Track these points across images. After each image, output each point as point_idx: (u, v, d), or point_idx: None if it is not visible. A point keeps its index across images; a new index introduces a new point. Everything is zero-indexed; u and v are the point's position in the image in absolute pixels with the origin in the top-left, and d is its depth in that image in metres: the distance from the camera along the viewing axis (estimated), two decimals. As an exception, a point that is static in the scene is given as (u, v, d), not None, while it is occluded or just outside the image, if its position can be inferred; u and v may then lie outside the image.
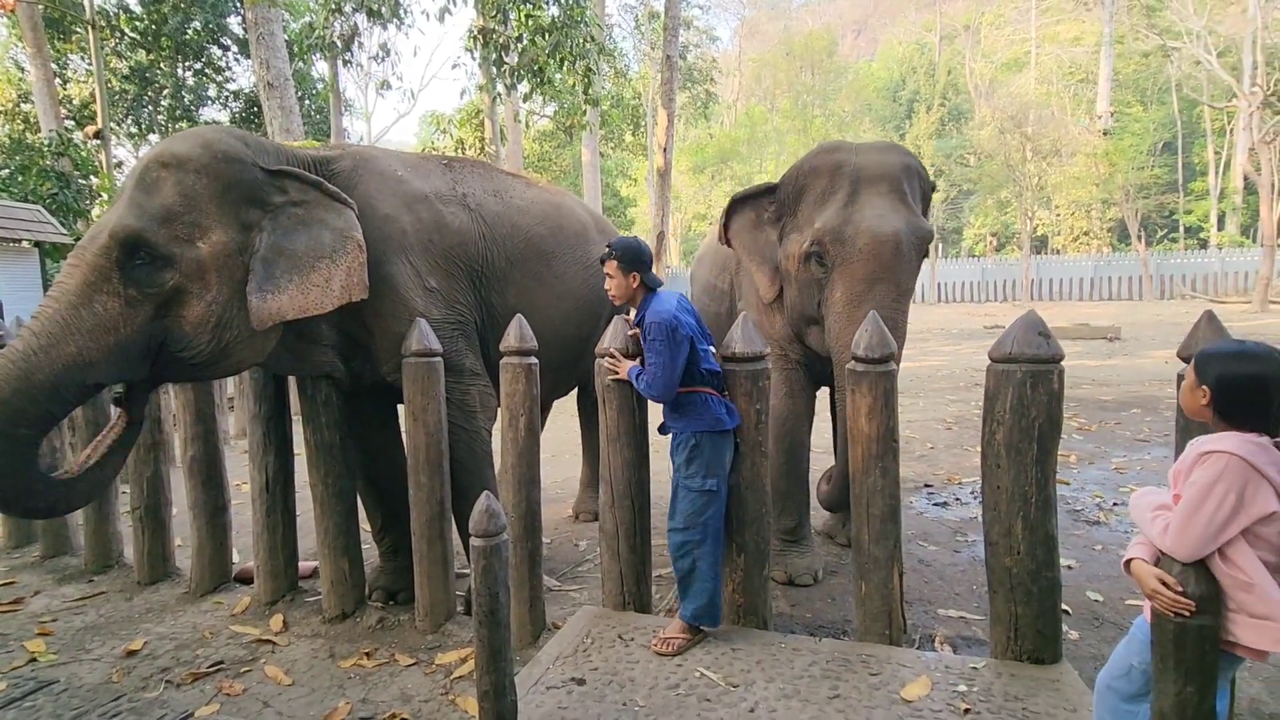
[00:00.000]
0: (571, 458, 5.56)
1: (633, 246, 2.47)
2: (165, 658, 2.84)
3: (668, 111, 9.79)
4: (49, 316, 2.15)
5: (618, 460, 2.64)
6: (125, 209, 2.30)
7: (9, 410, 2.05)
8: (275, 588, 3.27)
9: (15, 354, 2.08)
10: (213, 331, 2.38)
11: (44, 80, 14.33)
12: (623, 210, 30.04)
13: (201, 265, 2.35)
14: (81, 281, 2.20)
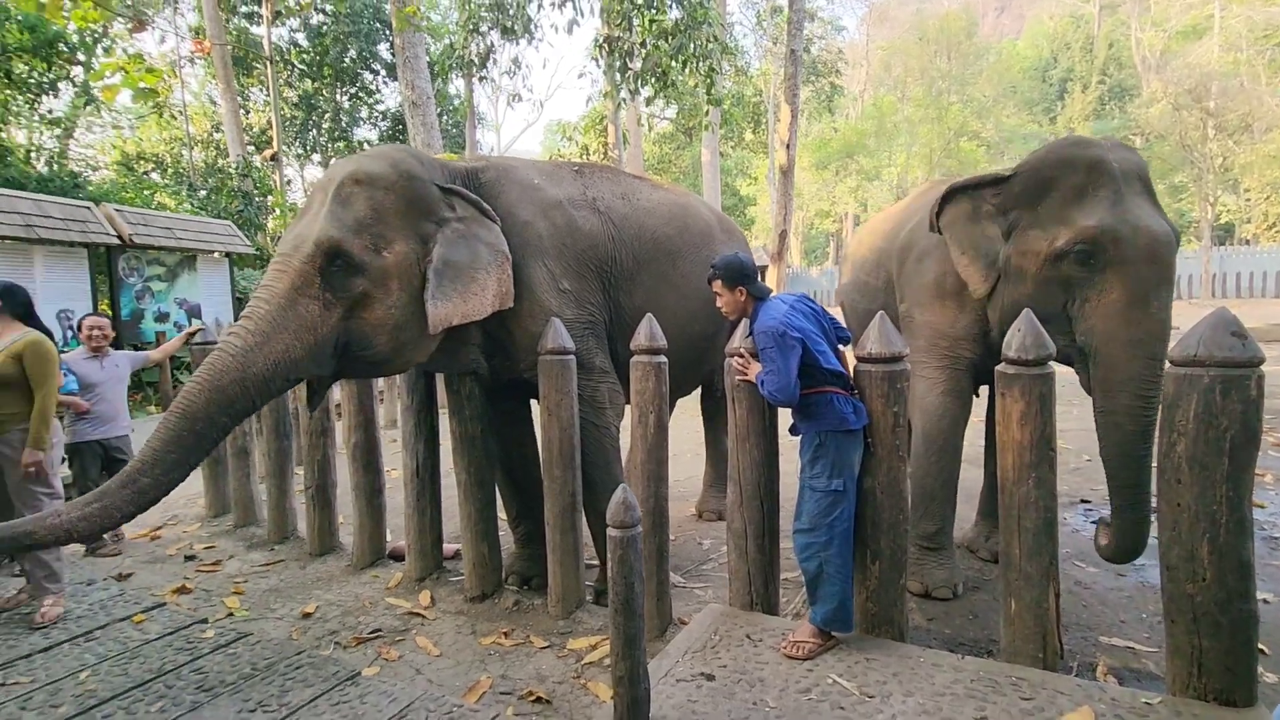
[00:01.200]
0: (693, 457, 5.59)
1: (734, 263, 2.50)
2: (333, 621, 3.17)
3: (791, 107, 9.57)
4: (261, 315, 2.38)
5: (747, 460, 2.63)
6: (326, 220, 2.51)
7: (223, 398, 2.30)
8: (424, 566, 3.56)
9: (234, 348, 2.32)
10: (390, 333, 2.58)
11: (232, 112, 16.42)
12: (742, 209, 29.72)
13: (386, 273, 2.55)
14: (289, 286, 2.42)
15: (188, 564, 3.98)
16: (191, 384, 2.28)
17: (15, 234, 7.05)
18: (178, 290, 9.13)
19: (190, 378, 2.32)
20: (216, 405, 2.29)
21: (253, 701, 2.36)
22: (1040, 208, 2.84)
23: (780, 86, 13.08)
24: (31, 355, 3.08)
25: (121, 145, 21.13)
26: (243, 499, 4.62)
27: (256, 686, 2.46)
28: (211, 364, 2.31)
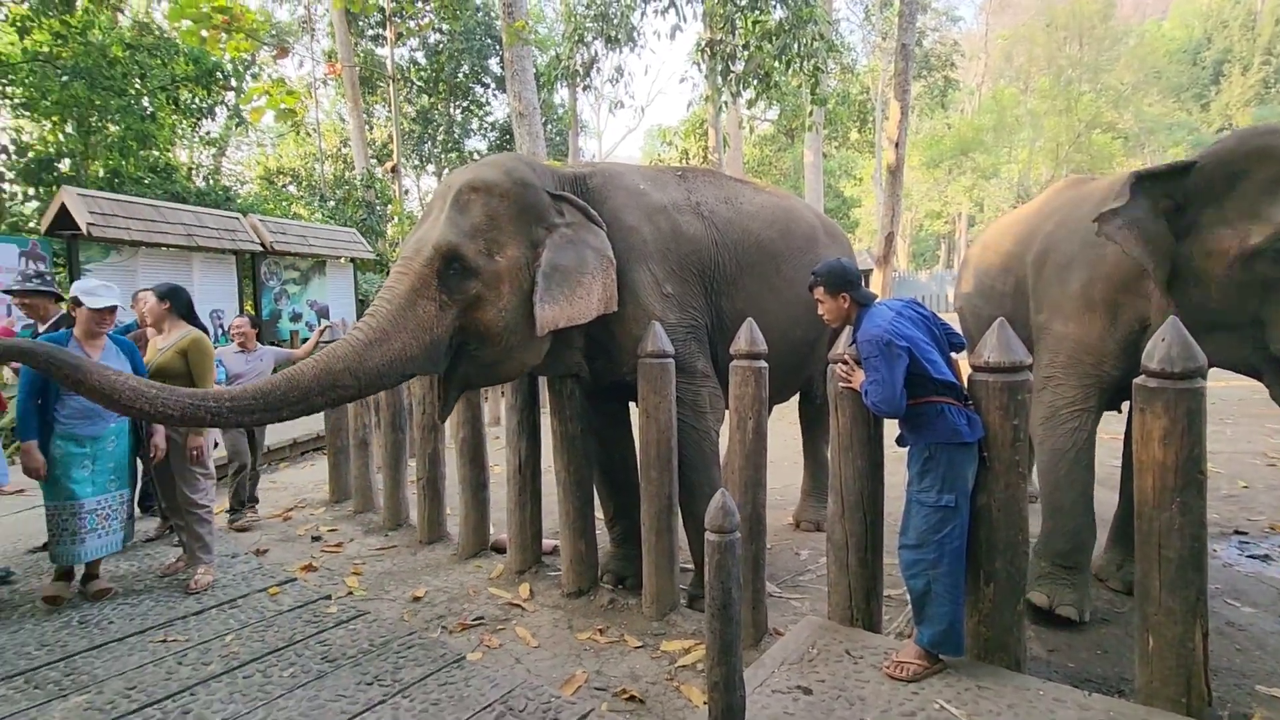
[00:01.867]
0: (791, 465, 5.47)
1: (836, 269, 2.43)
2: (440, 606, 3.34)
3: (901, 104, 9.16)
4: (383, 315, 2.49)
5: (849, 470, 2.54)
6: (445, 226, 2.62)
7: (330, 380, 2.40)
8: (524, 559, 3.68)
9: (356, 341, 2.45)
10: (501, 334, 2.66)
11: (358, 128, 17.76)
12: (845, 211, 28.77)
13: (498, 276, 2.64)
14: (409, 288, 2.53)
15: (314, 544, 4.33)
16: (309, 361, 2.44)
17: (179, 242, 7.94)
18: (309, 292, 9.97)
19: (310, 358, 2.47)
20: (320, 384, 2.38)
21: (370, 675, 2.53)
22: (1228, 203, 2.55)
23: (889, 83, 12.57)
24: (194, 351, 3.47)
25: (264, 161, 23.35)
26: (362, 487, 4.97)
27: (373, 661, 2.64)
28: (333, 349, 2.44)
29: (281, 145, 24.29)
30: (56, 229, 7.30)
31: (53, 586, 3.22)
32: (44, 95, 9.49)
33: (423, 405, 4.35)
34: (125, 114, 10.24)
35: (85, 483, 3.15)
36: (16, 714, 2.33)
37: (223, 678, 2.53)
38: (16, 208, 10.39)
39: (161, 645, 2.80)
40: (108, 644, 2.79)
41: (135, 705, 2.36)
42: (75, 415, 3.14)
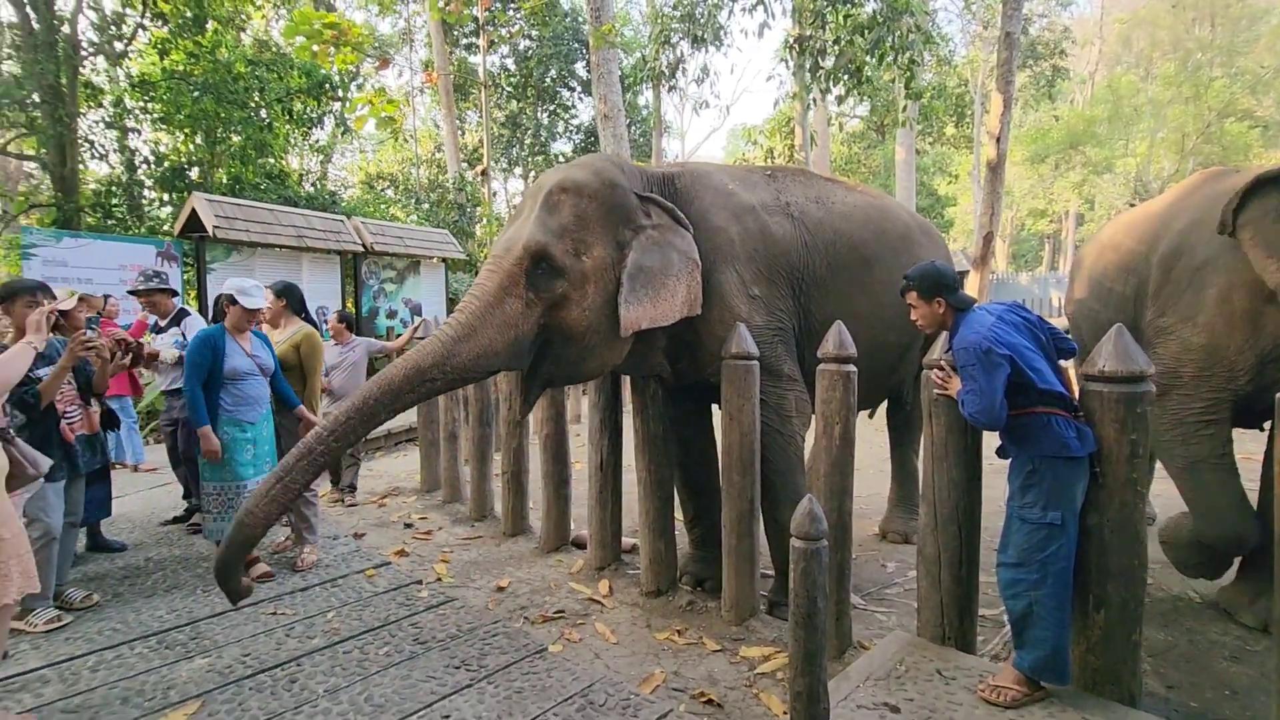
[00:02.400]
0: (875, 473, 5.29)
1: (931, 272, 2.32)
2: (523, 597, 3.44)
3: (1003, 96, 8.64)
4: (472, 311, 2.57)
5: (944, 480, 2.42)
6: (534, 226, 2.67)
7: (420, 376, 2.49)
8: (603, 556, 3.73)
9: (445, 337, 2.54)
10: (584, 334, 2.69)
11: (451, 133, 18.53)
12: (939, 210, 27.47)
13: (584, 276, 2.67)
14: (498, 285, 2.60)
15: (406, 530, 4.55)
16: (398, 361, 2.54)
17: (290, 243, 8.54)
18: (405, 291, 10.48)
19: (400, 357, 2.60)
20: (410, 382, 2.49)
21: (458, 659, 2.63)
22: None
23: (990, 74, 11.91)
24: (306, 345, 3.73)
25: (365, 166, 24.77)
26: (450, 478, 5.19)
27: (461, 646, 2.74)
28: (423, 347, 2.54)
29: (381, 151, 25.69)
30: (187, 231, 8.01)
31: None
32: (179, 110, 10.41)
33: (509, 401, 4.48)
34: (246, 125, 11.10)
35: (248, 465, 3.41)
36: (152, 670, 2.57)
37: (325, 651, 2.70)
38: (154, 212, 11.47)
39: (272, 617, 3.02)
40: (226, 612, 3.04)
41: (249, 671, 2.55)
42: (240, 402, 3.42)
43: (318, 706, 2.32)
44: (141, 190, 11.13)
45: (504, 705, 2.32)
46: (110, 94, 10.91)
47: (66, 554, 3.16)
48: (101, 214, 10.33)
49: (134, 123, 11.04)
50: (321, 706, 2.32)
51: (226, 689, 2.43)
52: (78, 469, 3.14)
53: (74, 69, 9.99)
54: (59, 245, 7.08)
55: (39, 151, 10.56)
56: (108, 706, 2.33)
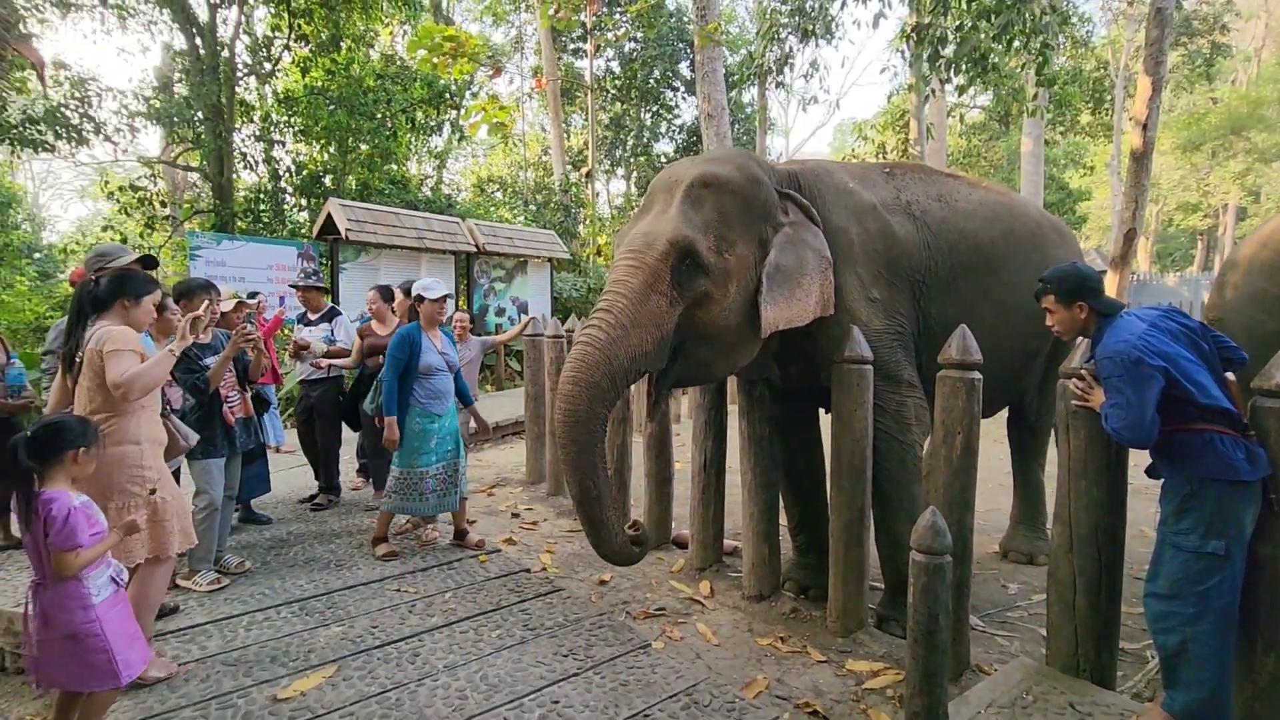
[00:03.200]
0: (995, 487, 4.96)
1: (1072, 274, 2.17)
2: (625, 592, 3.49)
3: (1152, 78, 7.83)
4: (621, 310, 2.40)
5: (1081, 500, 2.24)
6: (678, 220, 2.54)
7: (598, 392, 2.33)
8: (704, 557, 3.73)
9: (599, 342, 2.35)
10: (721, 334, 2.59)
11: (558, 137, 19.10)
12: (1069, 205, 25.30)
13: (727, 275, 2.56)
14: (643, 282, 2.44)
15: (513, 520, 4.74)
16: (569, 386, 2.35)
17: (411, 244, 9.11)
18: (513, 290, 10.92)
19: (563, 376, 2.40)
20: (596, 400, 2.35)
21: (565, 648, 2.72)
22: None
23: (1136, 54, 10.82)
24: None
25: (477, 170, 25.99)
26: (556, 472, 5.34)
27: (568, 636, 2.83)
28: (581, 359, 2.36)
29: (491, 155, 26.87)
30: (323, 234, 8.74)
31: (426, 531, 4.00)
32: (316, 122, 11.38)
33: (613, 398, 4.57)
34: (374, 134, 11.96)
35: (431, 454, 3.74)
36: (295, 633, 2.83)
37: (443, 630, 2.87)
38: (293, 216, 12.60)
39: (396, 594, 3.25)
40: (357, 586, 3.30)
41: (377, 642, 2.76)
42: (430, 395, 3.76)
43: (438, 681, 2.47)
44: (284, 196, 12.25)
45: (610, 696, 2.37)
46: (259, 110, 12.07)
47: (225, 524, 3.54)
48: (251, 218, 11.45)
49: (278, 135, 12.16)
50: (441, 681, 2.47)
51: (359, 656, 2.64)
52: (235, 448, 3.51)
53: (231, 89, 11.13)
54: (218, 247, 7.92)
55: (201, 163, 11.85)
56: (259, 663, 2.60)
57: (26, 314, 10.75)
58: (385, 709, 2.31)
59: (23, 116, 9.66)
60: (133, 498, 2.41)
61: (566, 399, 2.36)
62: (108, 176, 12.05)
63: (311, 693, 2.40)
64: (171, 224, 12.26)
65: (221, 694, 2.39)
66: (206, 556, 3.28)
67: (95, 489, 2.30)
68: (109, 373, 2.34)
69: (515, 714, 2.28)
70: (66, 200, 32.56)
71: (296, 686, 2.43)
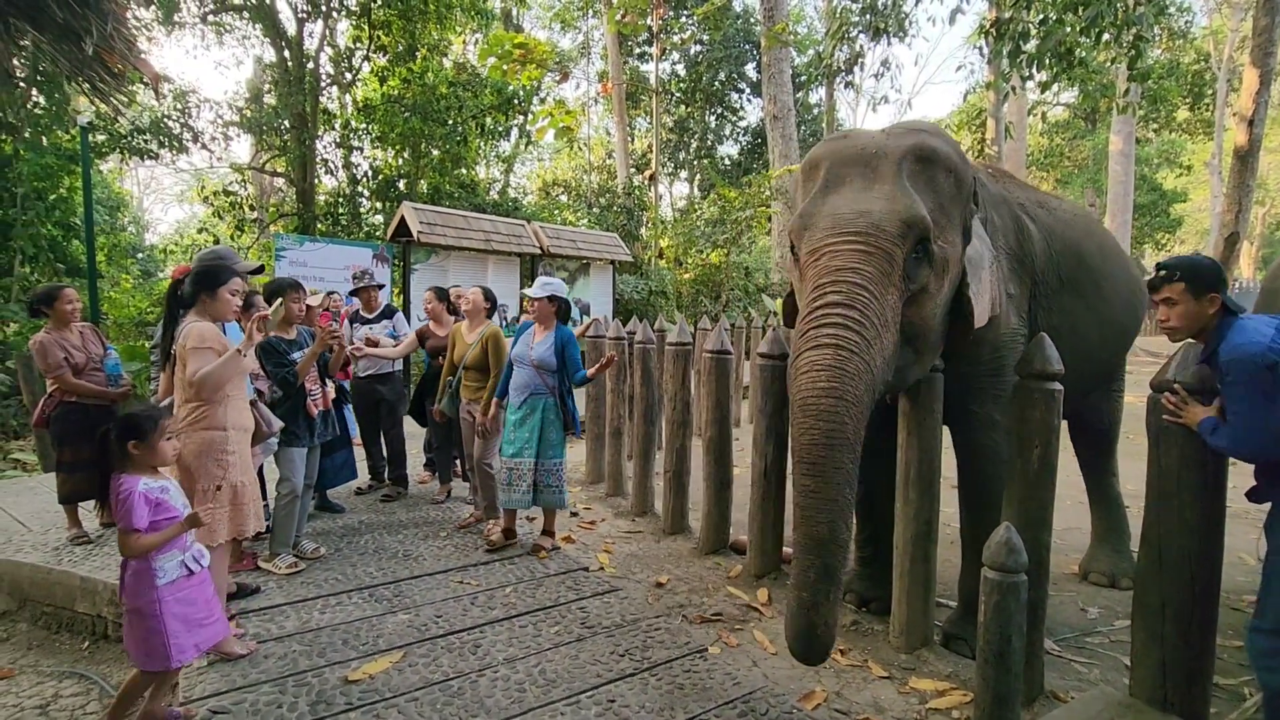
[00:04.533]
0: (1073, 504, 4.70)
1: (1205, 263, 2.00)
2: (681, 596, 3.48)
3: (1260, 70, 7.27)
4: (865, 304, 1.99)
5: (1174, 521, 2.10)
6: (904, 198, 2.12)
7: (861, 409, 1.93)
8: (762, 563, 3.68)
9: (856, 345, 1.95)
10: (930, 332, 2.26)
11: (622, 140, 19.28)
12: (1163, 208, 23.78)
13: (945, 265, 2.24)
14: (880, 271, 2.04)
15: (572, 519, 4.80)
16: (829, 400, 1.91)
17: (479, 246, 9.37)
18: (575, 291, 11.08)
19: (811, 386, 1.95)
20: (859, 420, 1.96)
21: (622, 648, 2.74)
22: None
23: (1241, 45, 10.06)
24: (493, 343, 4.06)
25: (542, 174, 26.51)
26: (614, 472, 5.39)
27: (625, 635, 2.85)
28: (839, 367, 1.94)
29: (556, 159, 27.36)
30: (396, 236, 9.09)
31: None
32: (392, 129, 11.88)
33: (674, 401, 4.57)
34: (446, 140, 12.37)
35: (507, 444, 3.90)
36: (365, 619, 2.96)
37: (504, 623, 2.94)
38: (369, 219, 13.17)
39: (459, 585, 3.34)
40: (422, 576, 3.41)
41: (441, 631, 2.85)
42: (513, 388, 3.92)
43: (498, 673, 2.53)
44: (361, 200, 12.82)
45: (666, 699, 2.37)
46: (340, 118, 12.67)
47: (304, 511, 3.72)
48: (330, 221, 12.04)
49: (356, 142, 12.73)
50: (501, 673, 2.53)
51: (424, 644, 2.74)
52: (315, 439, 3.69)
53: (315, 98, 11.73)
54: (301, 249, 8.35)
55: (287, 169, 12.54)
56: (332, 645, 2.72)
57: (130, 310, 11.62)
58: (448, 696, 2.38)
59: (131, 127, 10.47)
60: (215, 480, 2.59)
61: (827, 416, 1.91)
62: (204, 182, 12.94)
63: (379, 676, 2.50)
64: (259, 226, 13.02)
65: (297, 672, 2.52)
66: (286, 541, 3.47)
67: (186, 471, 2.47)
68: (187, 369, 2.52)
69: (572, 710, 2.31)
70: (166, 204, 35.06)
71: (366, 669, 2.53)
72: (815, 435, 1.91)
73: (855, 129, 2.61)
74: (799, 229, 2.29)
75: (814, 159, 2.43)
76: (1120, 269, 3.37)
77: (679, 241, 15.13)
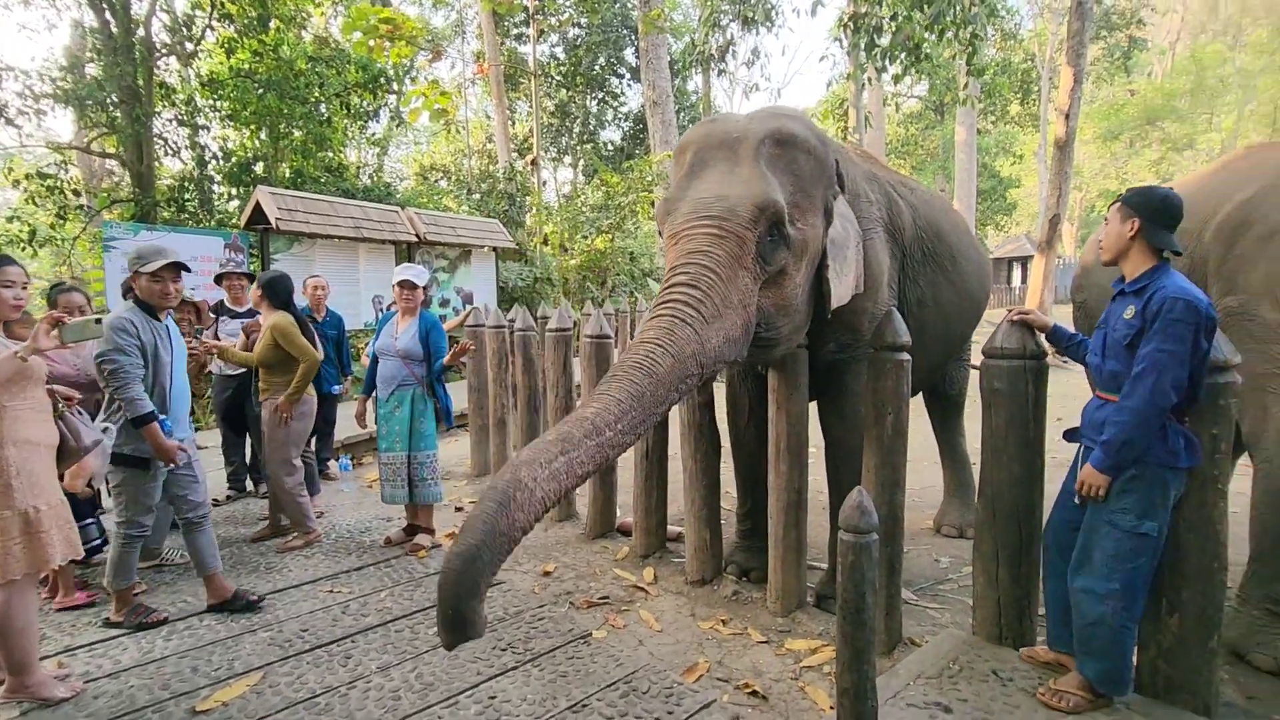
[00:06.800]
0: (930, 464, 5.12)
1: (1140, 192, 2.02)
2: (568, 583, 3.47)
3: (1073, 70, 8.17)
4: (709, 285, 2.03)
5: (1003, 475, 2.32)
6: (761, 182, 2.17)
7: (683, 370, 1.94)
8: (648, 544, 3.73)
9: (691, 319, 1.98)
10: (789, 314, 2.30)
11: (502, 123, 18.75)
12: (1001, 193, 26.35)
13: (804, 247, 2.28)
14: (729, 254, 2.07)
15: (457, 514, 4.65)
16: (652, 344, 1.94)
17: (348, 234, 8.80)
18: (456, 280, 10.69)
19: (646, 336, 1.98)
20: (677, 375, 1.95)
21: (504, 642, 2.68)
22: None
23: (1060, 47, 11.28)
24: (279, 334, 3.65)
25: (419, 158, 25.32)
26: (500, 464, 5.27)
27: (508, 629, 2.79)
28: (670, 330, 1.97)
29: (434, 143, 26.23)
30: (252, 224, 8.34)
31: None
32: (244, 107, 10.85)
33: (556, 388, 4.51)
34: (307, 120, 11.47)
35: (382, 439, 3.78)
36: (219, 641, 2.70)
37: (378, 629, 2.79)
38: (222, 206, 12.00)
39: (329, 595, 3.14)
40: (287, 589, 3.17)
41: (307, 645, 2.66)
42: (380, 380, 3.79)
43: (370, 683, 2.40)
44: (211, 185, 11.65)
45: (548, 689, 2.35)
46: (182, 93, 11.42)
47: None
48: (175, 208, 10.85)
49: (204, 120, 11.54)
50: (374, 683, 2.40)
51: (286, 662, 2.54)
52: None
53: (149, 70, 10.48)
54: (136, 238, 7.47)
55: (119, 149, 11.16)
56: (180, 675, 2.47)
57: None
58: (314, 715, 2.22)
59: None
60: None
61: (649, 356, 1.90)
62: (12, 164, 11.23)
63: (235, 702, 2.30)
64: (87, 214, 11.52)
65: (135, 710, 2.26)
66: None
67: None
68: None
69: (450, 712, 2.23)
70: (-33, 189, 30.18)
71: (218, 697, 2.32)
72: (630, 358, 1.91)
73: (725, 114, 2.61)
74: (664, 213, 2.32)
75: (684, 143, 2.47)
76: (971, 246, 3.65)
77: (564, 227, 14.96)
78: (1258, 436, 2.54)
